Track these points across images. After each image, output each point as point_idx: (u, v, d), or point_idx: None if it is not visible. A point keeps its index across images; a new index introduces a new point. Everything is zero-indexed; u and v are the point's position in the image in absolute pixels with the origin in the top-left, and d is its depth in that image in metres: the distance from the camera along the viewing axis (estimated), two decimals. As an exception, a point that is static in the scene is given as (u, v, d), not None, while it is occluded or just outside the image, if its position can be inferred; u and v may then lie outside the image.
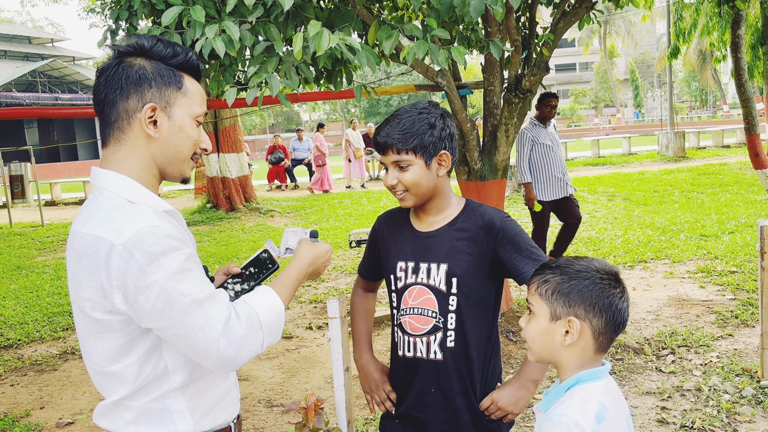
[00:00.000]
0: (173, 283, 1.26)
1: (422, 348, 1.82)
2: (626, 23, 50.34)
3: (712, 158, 16.95)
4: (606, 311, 1.35)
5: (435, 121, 1.75)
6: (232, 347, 1.29)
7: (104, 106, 1.38)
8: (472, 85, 4.90)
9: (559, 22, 4.64)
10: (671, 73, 18.67)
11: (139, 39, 1.40)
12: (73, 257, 1.33)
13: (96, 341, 1.34)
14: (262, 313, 1.36)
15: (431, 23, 2.60)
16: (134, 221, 1.28)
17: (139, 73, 1.36)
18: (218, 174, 12.72)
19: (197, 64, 1.44)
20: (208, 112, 1.46)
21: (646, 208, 10.03)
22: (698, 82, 54.51)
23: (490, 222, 1.78)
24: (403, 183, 1.75)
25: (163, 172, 1.44)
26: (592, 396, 1.34)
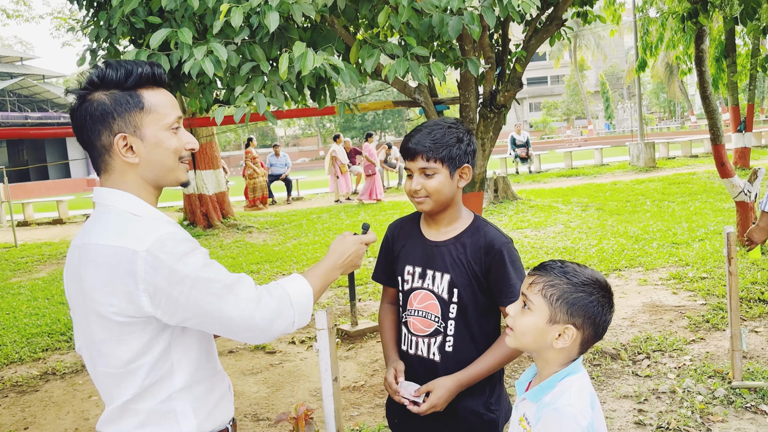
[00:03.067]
0: (203, 274, 1.37)
1: (423, 348, 1.96)
2: (596, 37, 51.33)
3: (681, 168, 17.35)
4: (598, 326, 1.48)
5: (462, 135, 1.89)
6: (266, 320, 1.43)
7: (84, 146, 1.47)
8: (448, 101, 5.01)
9: (531, 39, 4.78)
10: (640, 85, 19.09)
11: (90, 74, 1.44)
12: (88, 268, 1.39)
13: (116, 344, 1.40)
14: (292, 293, 1.49)
15: (411, 41, 2.71)
16: (153, 229, 1.37)
17: (99, 110, 1.42)
18: (195, 191, 12.69)
19: (152, 73, 1.46)
20: (182, 116, 1.54)
21: (619, 217, 10.25)
22: (666, 93, 55.74)
23: (491, 244, 1.90)
24: (426, 189, 1.87)
25: (158, 186, 1.50)
26: (583, 386, 1.45)
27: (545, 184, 16.53)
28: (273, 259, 9.07)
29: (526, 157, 19.37)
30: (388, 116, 52.16)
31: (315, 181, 23.72)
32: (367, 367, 4.69)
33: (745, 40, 14.08)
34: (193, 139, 1.52)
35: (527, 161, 19.47)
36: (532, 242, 8.78)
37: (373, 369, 4.63)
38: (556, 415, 1.41)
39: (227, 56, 2.48)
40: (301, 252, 9.44)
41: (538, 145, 32.15)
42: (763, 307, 5.14)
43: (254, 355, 5.15)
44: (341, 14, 2.94)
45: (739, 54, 13.83)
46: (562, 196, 13.47)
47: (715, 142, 6.87)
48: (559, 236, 9.10)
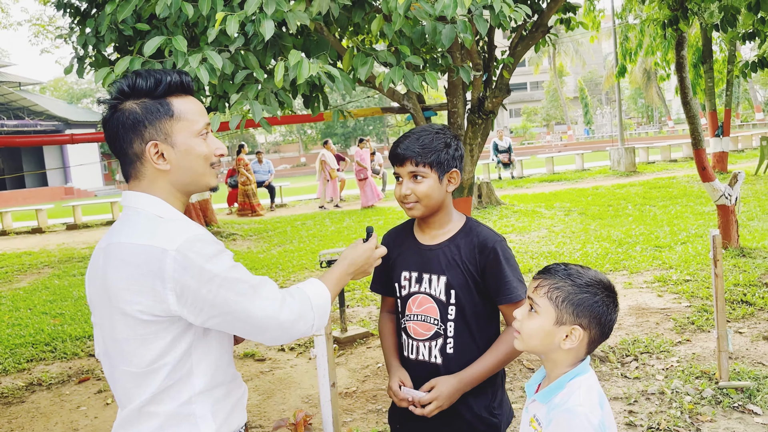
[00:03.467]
0: (231, 274, 1.42)
1: (424, 352, 1.97)
2: (574, 43, 51.93)
3: (661, 172, 17.59)
4: (604, 326, 1.51)
5: (450, 141, 1.93)
6: (289, 321, 1.48)
7: (117, 154, 1.51)
8: (436, 107, 5.06)
9: (517, 45, 4.84)
10: (619, 91, 19.34)
11: (119, 84, 1.48)
12: (116, 266, 1.42)
13: (139, 343, 1.42)
14: (312, 296, 1.54)
15: (404, 50, 2.73)
16: (183, 230, 1.41)
17: (131, 118, 1.46)
18: (178, 199, 12.62)
19: (180, 82, 1.50)
20: (210, 122, 1.58)
21: (601, 221, 10.36)
22: (644, 98, 56.52)
23: (484, 243, 1.93)
24: (416, 193, 1.90)
25: (187, 192, 1.55)
26: (591, 387, 1.48)
27: (528, 189, 16.67)
28: (258, 267, 9.03)
29: (509, 162, 19.52)
30: (369, 122, 52.27)
31: (298, 188, 23.68)
32: (358, 373, 4.69)
33: (722, 46, 14.36)
34: (222, 145, 1.56)
35: (510, 167, 19.62)
36: (517, 247, 8.84)
37: (365, 375, 4.63)
38: (567, 416, 1.43)
39: (222, 64, 2.48)
40: (286, 259, 9.42)
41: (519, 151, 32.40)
42: (746, 308, 5.23)
43: (244, 363, 5.13)
44: (333, 22, 2.96)
45: (716, 60, 14.10)
46: (545, 201, 13.59)
47: (696, 147, 6.99)
48: (543, 241, 9.18)
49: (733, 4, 5.54)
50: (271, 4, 2.46)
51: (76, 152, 36.88)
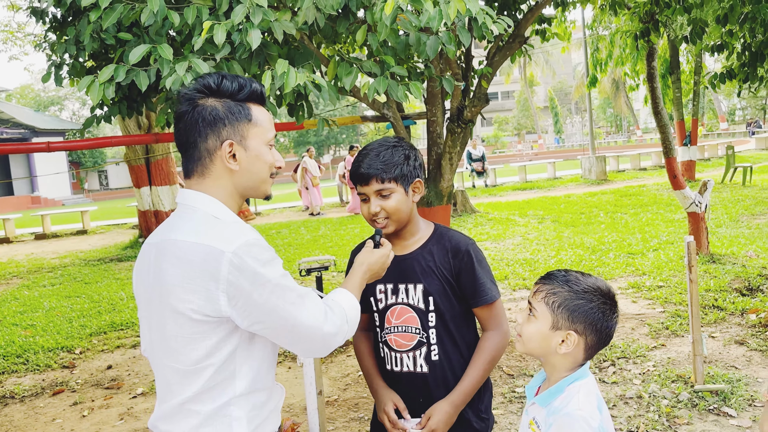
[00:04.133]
0: (283, 281, 1.45)
1: (409, 363, 1.97)
2: (544, 54, 52.69)
3: (631, 180, 17.92)
4: (601, 332, 1.55)
5: (409, 152, 1.94)
6: (331, 334, 1.51)
7: (187, 147, 1.53)
8: (414, 116, 5.11)
9: (495, 55, 4.92)
10: (590, 100, 19.67)
11: (205, 80, 1.52)
12: (171, 263, 1.44)
13: (187, 341, 1.44)
14: (346, 307, 1.58)
15: (389, 60, 2.76)
16: (240, 233, 1.43)
17: (212, 115, 1.50)
18: (151, 207, 12.48)
19: (261, 92, 1.57)
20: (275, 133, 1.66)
21: (574, 229, 10.51)
22: (613, 108, 57.53)
23: (457, 247, 1.96)
24: (386, 210, 1.90)
25: (245, 195, 1.58)
26: (590, 391, 1.52)
27: (501, 197, 16.84)
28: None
29: (483, 171, 19.70)
30: (342, 131, 52.28)
31: (274, 196, 23.49)
32: (338, 381, 4.69)
33: (688, 58, 14.73)
34: (281, 159, 1.61)
35: (483, 175, 19.80)
36: (492, 254, 8.92)
37: (345, 383, 4.63)
38: (567, 420, 1.46)
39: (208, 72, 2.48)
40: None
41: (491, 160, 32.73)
42: (717, 313, 5.35)
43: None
44: (318, 32, 2.98)
45: (682, 71, 14.47)
46: (519, 208, 13.74)
47: (668, 155, 7.15)
48: (518, 248, 9.28)
49: (702, 17, 5.70)
50: (258, 14, 2.47)
51: (43, 161, 36.19)
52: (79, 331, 6.65)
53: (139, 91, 4.40)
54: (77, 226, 17.27)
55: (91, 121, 4.26)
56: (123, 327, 6.72)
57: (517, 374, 4.47)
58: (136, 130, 12.02)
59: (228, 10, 2.66)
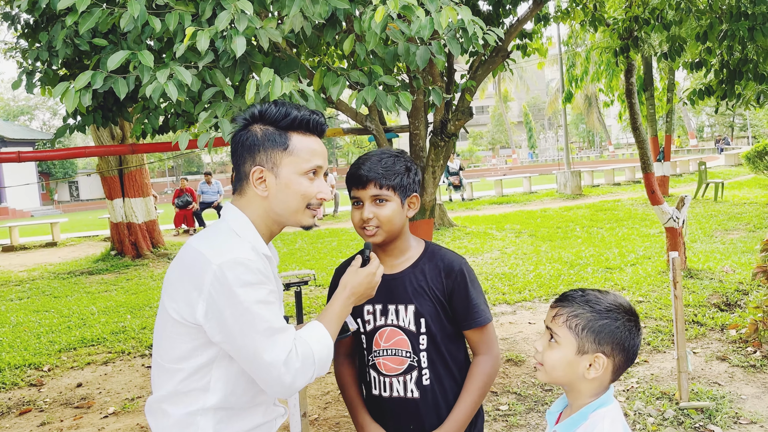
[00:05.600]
0: (257, 308, 1.42)
1: (399, 387, 1.86)
2: (519, 69, 53.32)
3: (606, 195, 18.09)
4: (628, 351, 1.46)
5: (410, 165, 1.86)
6: (289, 376, 1.44)
7: (234, 166, 1.62)
8: (397, 129, 5.05)
9: (478, 69, 4.89)
10: (566, 116, 19.88)
11: (254, 108, 1.58)
12: (176, 263, 1.53)
13: (167, 339, 1.51)
14: (316, 350, 1.50)
15: (378, 70, 2.69)
16: (234, 249, 1.46)
17: (251, 140, 1.56)
18: (123, 219, 12.22)
19: (308, 120, 1.58)
20: (323, 166, 1.67)
21: (551, 243, 10.54)
22: (585, 124, 58.39)
23: (450, 266, 1.86)
24: (378, 218, 1.81)
25: (279, 223, 1.61)
26: (615, 419, 1.43)
27: (478, 211, 16.87)
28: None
29: (459, 184, 19.74)
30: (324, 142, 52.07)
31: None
32: (318, 399, 4.57)
33: (662, 75, 14.98)
34: (327, 190, 1.62)
35: (460, 189, 19.85)
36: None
37: (326, 402, 4.51)
38: None
39: (191, 80, 2.38)
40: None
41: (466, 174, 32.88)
42: (697, 328, 5.36)
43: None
44: (304, 41, 2.90)
45: (656, 88, 14.69)
46: (496, 222, 13.76)
47: (646, 171, 7.19)
48: (496, 262, 9.26)
49: (680, 34, 5.75)
50: (243, 21, 2.39)
51: (12, 171, 35.42)
52: (48, 347, 6.43)
53: (114, 99, 4.27)
54: (47, 238, 16.85)
55: (63, 130, 4.12)
56: (94, 343, 6.51)
57: (500, 391, 4.40)
58: (109, 140, 11.79)
59: (211, 17, 2.56)
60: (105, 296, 8.94)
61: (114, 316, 7.58)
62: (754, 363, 4.52)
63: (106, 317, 7.56)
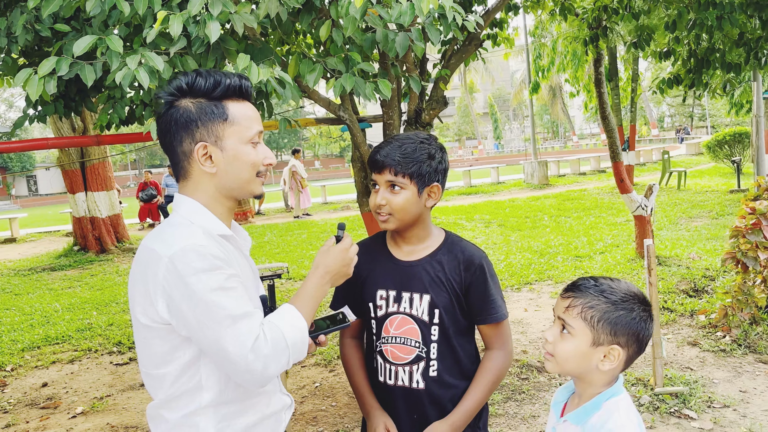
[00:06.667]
0: (212, 297, 1.34)
1: (404, 377, 1.83)
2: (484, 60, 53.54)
3: (572, 185, 18.31)
4: (642, 341, 1.43)
5: (435, 152, 1.79)
6: (259, 363, 1.35)
7: (166, 150, 1.51)
8: (370, 119, 4.98)
9: (451, 58, 4.85)
10: (532, 106, 20.03)
11: (178, 80, 1.46)
12: (134, 265, 1.45)
13: (143, 345, 1.44)
14: (287, 333, 1.41)
15: (356, 57, 2.63)
16: (182, 238, 1.38)
17: (186, 116, 1.45)
18: (86, 214, 11.92)
19: (240, 86, 1.48)
20: (263, 130, 1.58)
21: (521, 233, 10.61)
22: (549, 115, 59.08)
23: (470, 259, 1.82)
24: (390, 205, 1.76)
25: (232, 197, 1.52)
26: (630, 408, 1.41)
27: (447, 201, 16.90)
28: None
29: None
30: (284, 135, 51.77)
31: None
32: (295, 393, 4.50)
33: (626, 65, 15.16)
34: (271, 155, 1.54)
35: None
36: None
37: (302, 396, 4.45)
38: None
39: (163, 66, 2.29)
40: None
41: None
42: (668, 314, 5.43)
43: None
44: (278, 27, 2.81)
45: (620, 79, 14.87)
46: (465, 213, 13.81)
47: (615, 160, 7.26)
48: (467, 253, 9.27)
49: (649, 24, 5.80)
50: (217, 5, 2.29)
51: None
52: (10, 346, 6.22)
53: (78, 89, 4.12)
54: (5, 234, 16.36)
55: (22, 121, 3.95)
56: (58, 341, 6.32)
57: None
58: (70, 132, 11.45)
59: (183, 1, 2.46)
60: (69, 293, 8.70)
61: (79, 313, 7.38)
62: (724, 347, 4.60)
63: (71, 314, 7.35)
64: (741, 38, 5.26)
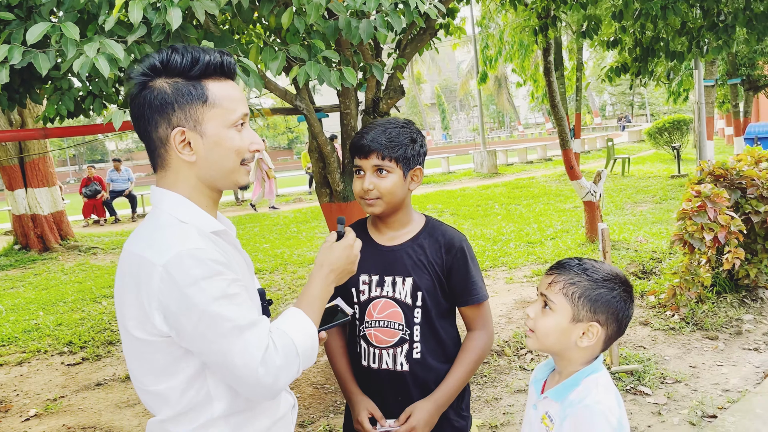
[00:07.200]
0: (215, 308, 1.22)
1: (388, 360, 1.85)
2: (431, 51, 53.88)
3: (520, 173, 18.65)
4: (622, 321, 1.48)
5: (416, 136, 1.83)
6: (270, 376, 1.25)
7: (141, 137, 1.36)
8: (327, 109, 4.95)
9: (407, 47, 4.86)
10: (481, 97, 20.27)
11: (152, 58, 1.30)
12: (119, 275, 1.32)
13: (139, 361, 1.31)
14: (297, 341, 1.31)
15: (319, 45, 2.61)
16: (176, 242, 1.24)
17: (161, 98, 1.29)
18: (27, 211, 11.47)
19: (221, 62, 1.33)
20: (249, 113, 1.41)
21: (473, 221, 10.76)
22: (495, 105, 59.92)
23: (451, 242, 1.86)
24: (379, 189, 1.78)
25: (215, 188, 1.38)
26: (608, 385, 1.45)
27: (398, 192, 16.95)
28: (127, 281, 8.42)
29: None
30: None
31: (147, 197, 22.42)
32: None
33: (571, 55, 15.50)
34: (258, 139, 1.39)
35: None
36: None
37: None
38: (586, 413, 1.39)
39: (122, 54, 2.22)
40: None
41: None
42: (619, 296, 5.61)
43: (127, 386, 4.70)
44: (238, 14, 2.77)
45: (565, 68, 15.20)
46: (418, 203, 13.89)
47: (564, 147, 7.43)
48: (422, 242, 9.34)
49: (597, 13, 5.95)
50: (178, -9, 2.24)
51: None
52: (-48, 350, 5.96)
53: (22, 79, 3.96)
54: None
55: (-35, 114, 3.78)
56: (4, 343, 6.08)
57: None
58: (7, 126, 10.98)
59: (140, -13, 2.39)
60: (12, 293, 8.38)
61: (24, 314, 7.12)
62: (673, 326, 4.79)
63: (16, 315, 7.08)
64: (683, 27, 5.45)
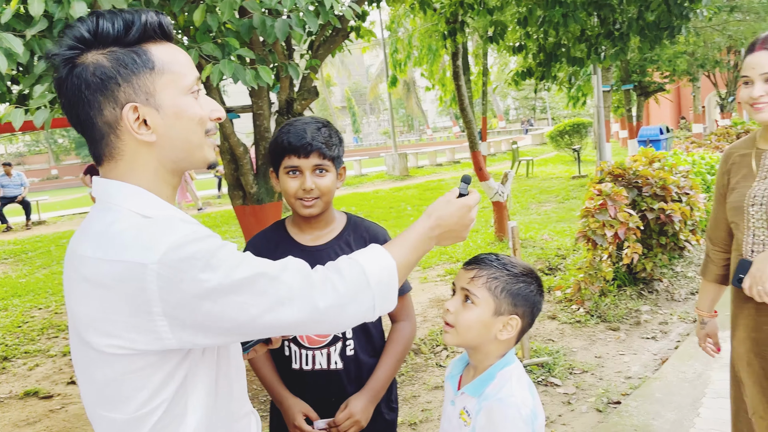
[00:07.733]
0: (239, 275, 1.05)
1: (322, 360, 1.83)
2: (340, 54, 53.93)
3: (430, 175, 19.01)
4: (535, 314, 1.53)
5: (340, 136, 1.84)
6: (335, 307, 1.11)
7: (81, 127, 1.13)
8: (238, 109, 4.86)
9: (319, 48, 4.85)
10: (391, 100, 20.52)
11: (76, 28, 1.07)
12: (81, 289, 1.07)
13: (118, 386, 1.08)
14: (370, 270, 1.16)
15: (233, 43, 2.55)
16: (165, 233, 1.04)
17: (99, 73, 1.08)
18: None
19: (158, 23, 1.12)
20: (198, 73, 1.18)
21: (386, 222, 10.85)
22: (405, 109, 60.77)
23: (375, 237, 1.87)
24: (320, 188, 1.76)
25: (178, 171, 1.18)
26: (521, 376, 1.49)
27: (311, 195, 16.87)
28: (22, 293, 7.92)
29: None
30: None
31: (60, 202, 21.26)
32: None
33: (476, 60, 15.98)
34: (218, 106, 1.19)
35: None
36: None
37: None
38: (499, 406, 1.42)
39: (21, 49, 2.09)
40: (56, 282, 8.38)
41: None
42: (528, 292, 5.82)
43: (26, 403, 4.42)
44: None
45: (471, 72, 15.65)
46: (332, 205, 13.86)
47: (473, 149, 7.64)
48: (336, 244, 9.34)
49: (503, 20, 6.16)
50: (82, -17, 2.13)
51: None
52: None
53: None
54: None
55: None
56: None
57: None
58: None
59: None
60: None
61: None
62: (579, 319, 5.02)
63: None
64: (583, 35, 5.74)
